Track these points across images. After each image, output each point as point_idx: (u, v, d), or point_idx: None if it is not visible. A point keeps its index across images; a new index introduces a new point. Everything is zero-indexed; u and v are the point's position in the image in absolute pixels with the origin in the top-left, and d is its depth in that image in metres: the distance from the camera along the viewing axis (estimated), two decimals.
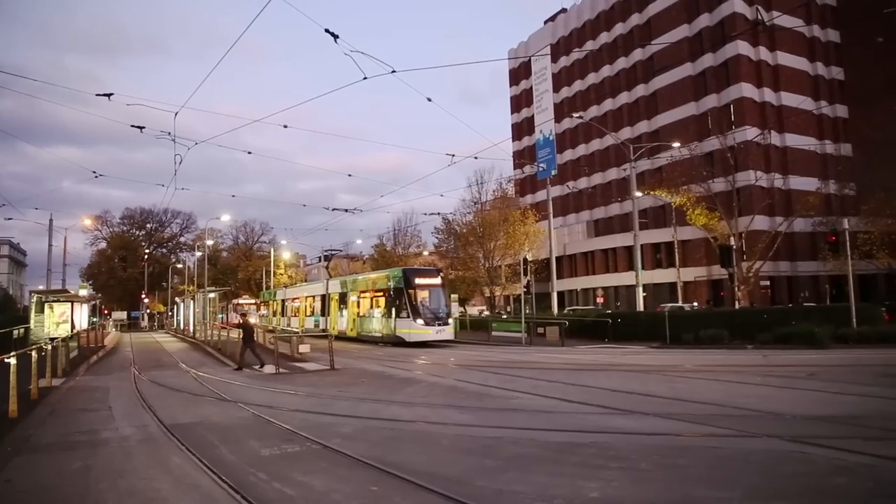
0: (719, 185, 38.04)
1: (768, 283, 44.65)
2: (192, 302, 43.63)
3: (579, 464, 6.27)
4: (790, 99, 47.33)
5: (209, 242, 63.10)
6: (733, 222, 35.51)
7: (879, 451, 6.24)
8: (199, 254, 54.91)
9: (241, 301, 63.22)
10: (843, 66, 51.47)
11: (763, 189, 42.39)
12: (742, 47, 46.85)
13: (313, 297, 38.63)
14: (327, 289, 35.36)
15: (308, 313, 38.94)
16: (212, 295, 44.33)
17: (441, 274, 29.78)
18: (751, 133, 41.81)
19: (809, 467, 5.91)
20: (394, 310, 26.81)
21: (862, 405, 9.27)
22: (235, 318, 52.25)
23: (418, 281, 27.11)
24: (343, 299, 32.92)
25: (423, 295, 26.80)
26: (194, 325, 39.41)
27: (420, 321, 25.84)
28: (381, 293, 28.26)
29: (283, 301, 45.70)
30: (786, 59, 48.95)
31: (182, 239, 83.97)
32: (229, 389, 13.44)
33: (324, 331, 32.60)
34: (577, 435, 7.63)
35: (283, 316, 44.56)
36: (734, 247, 32.27)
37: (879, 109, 38.16)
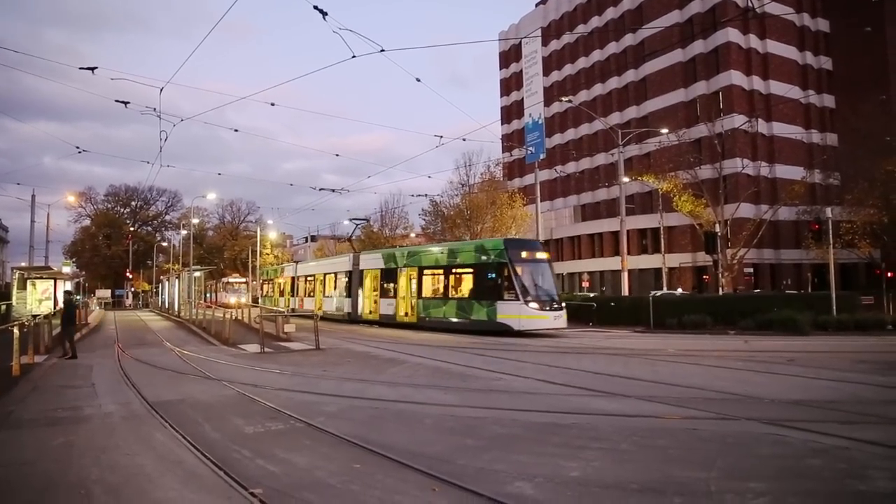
0: (706, 172, 38.27)
1: (752, 270, 45.09)
2: (177, 281, 43.33)
3: (561, 444, 6.35)
4: (778, 87, 47.50)
5: (195, 221, 62.77)
6: (719, 209, 35.78)
7: (853, 434, 6.37)
8: (184, 232, 54.68)
9: (231, 280, 60.54)
10: (832, 56, 51.66)
11: (749, 177, 42.66)
12: (732, 35, 46.86)
13: (335, 274, 33.03)
14: (356, 264, 30.04)
15: (327, 293, 33.67)
16: (197, 274, 43.93)
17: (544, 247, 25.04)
18: (738, 121, 41.97)
19: (786, 449, 6.03)
20: (492, 290, 21.61)
21: (838, 390, 9.44)
22: (226, 298, 50.80)
23: (525, 254, 21.99)
24: (390, 276, 27.04)
25: (532, 272, 21.85)
26: (179, 304, 39.21)
27: (534, 305, 20.75)
28: (468, 269, 23.01)
29: (292, 279, 39.99)
30: (775, 47, 49.03)
31: (167, 217, 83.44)
32: (214, 368, 13.44)
33: (350, 314, 29.62)
34: (559, 416, 7.71)
35: (292, 296, 39.19)
36: (719, 234, 32.60)
37: (866, 100, 38.46)
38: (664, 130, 38.99)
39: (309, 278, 37.03)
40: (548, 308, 21.13)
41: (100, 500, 5.00)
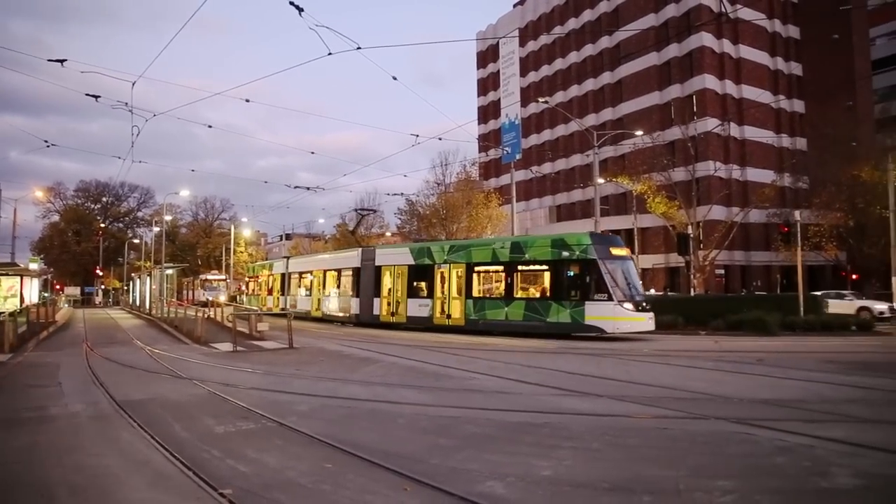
0: (679, 175, 38.78)
1: (723, 271, 45.81)
2: (149, 278, 42.66)
3: (533, 443, 6.37)
4: (750, 92, 48.30)
5: (168, 218, 61.87)
6: (692, 211, 36.28)
7: (818, 432, 6.49)
8: (157, 229, 53.76)
9: (209, 277, 58.03)
10: (802, 62, 52.67)
11: (721, 179, 43.31)
12: (706, 39, 47.53)
13: (338, 271, 29.63)
14: (370, 259, 26.84)
15: (327, 292, 30.75)
16: (169, 271, 43.32)
17: None
18: (711, 124, 42.61)
19: (753, 447, 6.12)
20: (577, 289, 19.73)
21: (805, 389, 9.63)
22: (203, 296, 47.83)
23: (614, 250, 20.28)
24: (423, 274, 24.40)
25: (622, 269, 20.08)
26: (150, 302, 38.62)
27: (628, 305, 19.11)
28: (541, 266, 20.93)
29: (283, 276, 36.58)
30: (747, 52, 49.84)
31: (139, 214, 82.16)
32: (185, 366, 13.26)
33: (359, 315, 26.69)
34: (532, 415, 7.74)
35: (282, 295, 35.98)
36: (691, 235, 33.01)
37: (833, 106, 39.36)
38: (639, 132, 39.43)
39: (304, 275, 34.03)
40: (641, 309, 19.53)
41: (63, 502, 4.90)
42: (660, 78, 50.94)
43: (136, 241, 75.64)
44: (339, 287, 29.38)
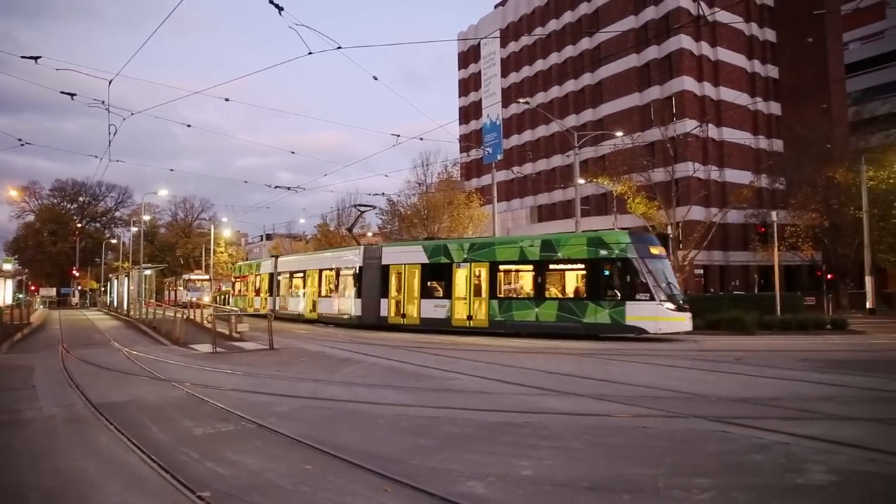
0: (659, 175, 39.09)
1: (702, 271, 46.30)
2: (126, 279, 42.12)
3: (513, 443, 6.39)
4: (728, 94, 48.86)
5: (146, 218, 61.13)
6: (671, 212, 36.62)
7: (794, 429, 6.60)
8: (135, 229, 53.09)
9: (193, 277, 56.46)
10: (778, 65, 53.40)
11: (700, 180, 43.76)
12: (685, 41, 48.01)
13: (336, 270, 28.05)
14: (375, 258, 25.54)
15: (324, 293, 29.20)
16: (148, 272, 42.80)
17: None
18: (690, 125, 43.03)
19: (730, 445, 6.21)
20: (617, 289, 19.19)
21: (781, 387, 9.77)
22: (186, 296, 46.62)
23: (652, 249, 19.92)
24: (439, 273, 23.29)
25: (662, 268, 19.72)
26: (128, 303, 38.13)
27: (669, 305, 18.79)
28: (576, 265, 20.20)
29: (271, 276, 34.80)
30: (726, 55, 50.43)
31: (117, 213, 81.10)
32: (163, 368, 13.12)
33: (361, 317, 25.36)
34: (512, 415, 7.77)
35: (270, 296, 34.45)
36: (671, 236, 33.33)
37: (809, 109, 39.96)
38: (619, 133, 39.71)
39: (296, 275, 32.35)
40: (681, 308, 19.20)
41: None
42: (639, 79, 51.36)
43: (114, 241, 74.66)
44: (337, 288, 27.93)
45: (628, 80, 51.90)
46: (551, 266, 20.67)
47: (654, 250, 19.97)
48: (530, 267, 21.14)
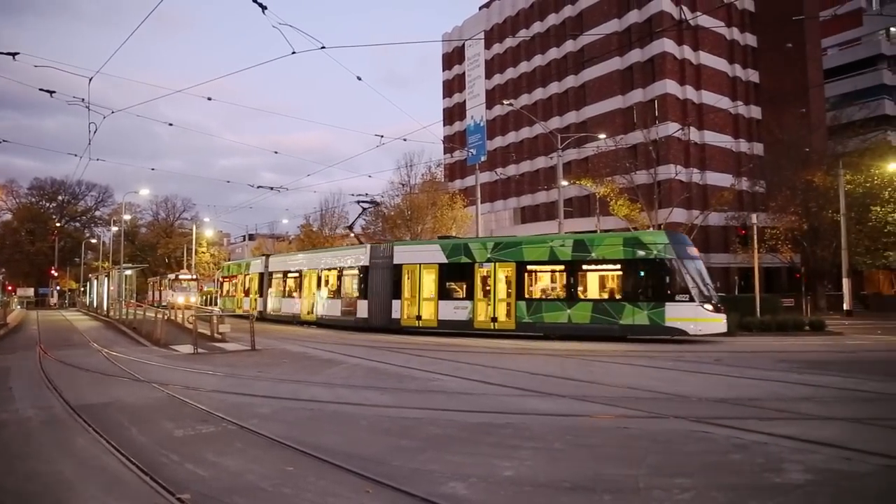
0: (641, 178, 39.42)
1: None
2: (106, 279, 41.63)
3: (495, 444, 6.42)
4: (710, 97, 49.32)
5: (127, 217, 60.36)
6: (653, 214, 36.95)
7: (772, 429, 6.70)
8: (115, 229, 52.51)
9: (180, 276, 53.07)
10: (759, 70, 54.00)
11: (682, 183, 44.16)
12: (668, 45, 48.39)
13: (338, 270, 26.77)
14: (385, 257, 24.41)
15: (323, 294, 27.74)
16: (128, 272, 42.35)
17: None
18: (672, 128, 43.39)
19: (710, 445, 6.29)
20: (656, 290, 18.90)
21: (760, 388, 9.90)
22: (171, 296, 44.51)
23: (689, 249, 19.72)
24: (460, 274, 22.39)
25: (699, 269, 19.42)
26: (108, 303, 37.70)
27: (708, 306, 18.60)
28: (612, 265, 19.79)
29: (261, 276, 33.43)
30: (707, 59, 50.88)
31: (97, 213, 79.93)
32: (144, 369, 12.98)
33: (368, 319, 24.29)
34: (494, 416, 7.79)
35: (260, 296, 33.11)
36: None
37: (788, 113, 40.45)
38: (602, 136, 39.96)
39: (291, 275, 30.86)
40: (718, 310, 19.00)
41: None
42: (622, 82, 51.69)
43: (94, 241, 73.72)
44: (339, 288, 26.56)
45: (611, 82, 52.21)
46: (584, 266, 20.15)
47: (691, 251, 19.81)
48: (561, 267, 20.57)
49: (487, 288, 21.70)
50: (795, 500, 4.72)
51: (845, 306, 31.26)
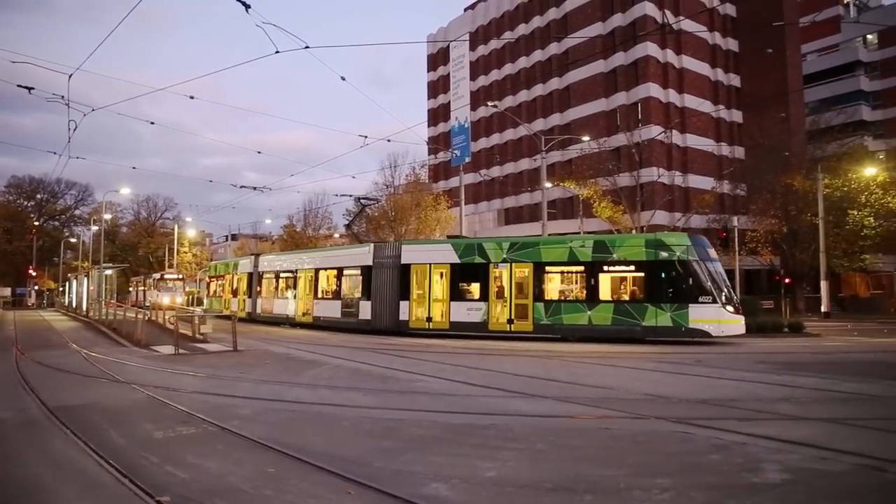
0: (624, 180, 39.69)
1: None
2: (86, 279, 41.10)
3: (478, 445, 6.43)
4: (692, 101, 49.83)
5: (107, 216, 59.60)
6: (636, 216, 37.21)
7: (750, 429, 6.79)
8: (95, 228, 51.72)
9: (166, 276, 51.81)
10: (740, 74, 54.64)
11: (664, 185, 44.54)
12: (651, 49, 48.79)
13: (337, 270, 25.97)
14: (392, 256, 23.62)
15: (321, 295, 26.71)
16: (108, 272, 41.82)
17: None
18: (655, 131, 43.76)
19: (690, 446, 6.35)
20: (680, 291, 18.87)
21: (739, 389, 10.02)
22: (157, 296, 44.20)
23: (710, 251, 19.69)
24: (474, 274, 21.82)
25: (720, 271, 19.41)
26: (88, 303, 37.24)
27: (730, 307, 18.73)
28: (633, 266, 19.64)
29: (250, 276, 32.18)
30: (690, 63, 51.40)
31: (77, 212, 78.85)
32: (124, 370, 12.85)
33: (371, 321, 23.53)
34: (477, 417, 7.81)
35: (248, 297, 31.94)
36: None
37: (769, 117, 40.96)
38: (586, 138, 40.16)
39: (284, 275, 29.61)
40: (737, 311, 19.08)
41: None
42: (606, 85, 52.03)
43: (73, 240, 72.73)
44: (339, 289, 25.74)
45: (595, 85, 52.54)
46: (605, 267, 19.93)
47: (711, 252, 19.72)
48: (581, 268, 20.31)
49: (503, 289, 21.26)
50: (772, 500, 4.78)
51: (823, 308, 31.72)
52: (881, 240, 35.63)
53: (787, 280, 35.30)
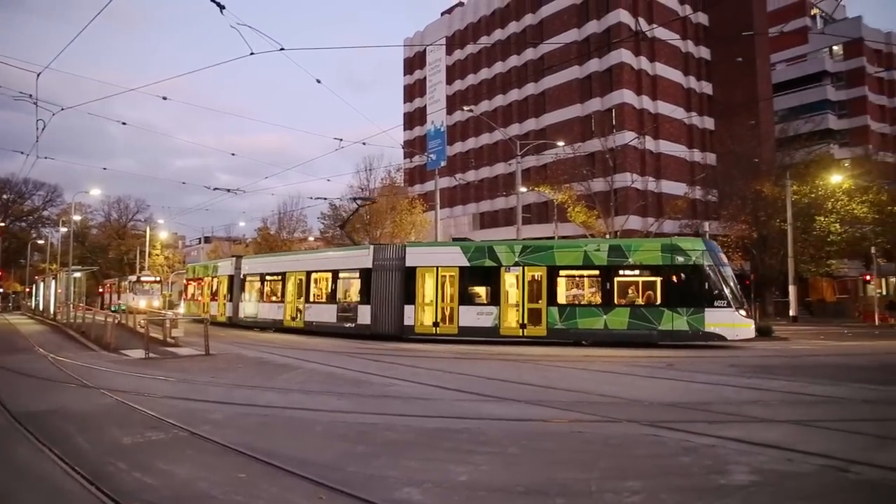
0: (599, 185, 40.12)
1: None
2: (54, 281, 40.25)
3: (451, 449, 6.43)
4: (665, 108, 50.52)
5: (76, 218, 58.48)
6: (610, 221, 37.62)
7: (719, 432, 6.89)
8: (64, 229, 50.72)
9: (142, 278, 49.64)
10: (712, 82, 55.59)
11: (638, 191, 45.07)
12: (625, 56, 49.39)
13: (332, 272, 25.13)
14: (395, 258, 22.92)
15: (313, 299, 25.73)
16: (77, 274, 40.99)
17: None
18: (629, 137, 44.30)
19: (661, 449, 6.42)
20: (695, 296, 18.96)
21: (709, 392, 10.17)
22: (133, 300, 42.11)
23: (722, 256, 20.07)
24: (484, 278, 21.32)
25: (732, 276, 19.81)
26: (55, 307, 36.46)
27: (742, 312, 19.12)
28: (649, 271, 19.73)
29: (231, 278, 30.83)
30: (663, 70, 52.13)
31: (45, 213, 77.04)
32: (92, 375, 12.60)
33: (370, 325, 22.80)
34: (450, 421, 7.82)
35: (230, 301, 30.61)
36: None
37: (739, 124, 41.73)
38: (560, 143, 40.51)
39: (270, 278, 28.39)
40: (748, 315, 19.54)
41: None
42: (581, 91, 52.52)
43: (41, 241, 71.19)
44: (334, 292, 24.78)
45: (570, 91, 53.00)
46: (621, 271, 19.95)
47: (723, 257, 19.99)
48: (597, 272, 20.20)
49: (515, 293, 20.89)
50: (739, 501, 4.86)
51: (791, 312, 32.35)
52: (846, 245, 36.48)
53: (756, 285, 35.90)
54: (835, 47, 59.88)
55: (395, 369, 13.30)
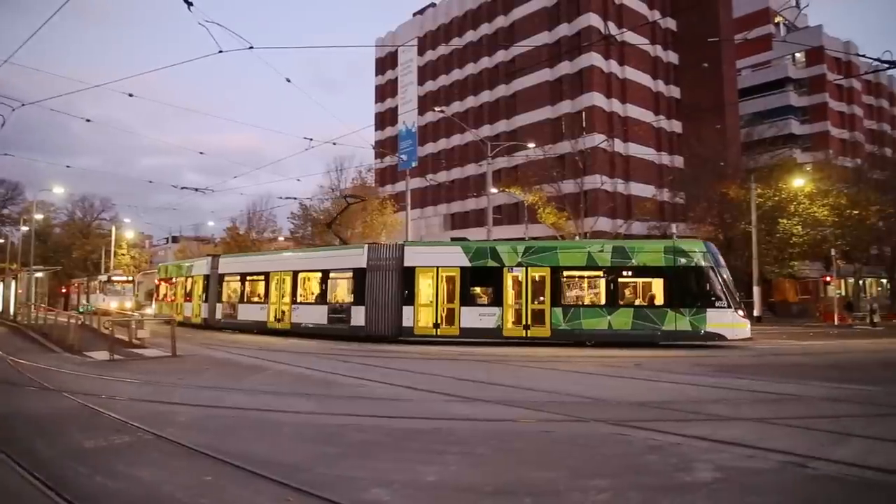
0: (569, 187, 40.46)
1: None
2: (14, 282, 39.17)
3: (420, 449, 6.44)
4: (634, 111, 51.20)
5: (38, 216, 56.99)
6: (580, 222, 37.99)
7: (685, 430, 7.01)
8: (25, 228, 49.46)
9: (113, 277, 46.96)
10: (680, 86, 56.52)
11: (607, 192, 45.58)
12: (595, 59, 49.90)
13: (322, 272, 24.35)
14: (393, 258, 22.27)
15: (300, 300, 24.86)
16: (39, 274, 39.96)
17: None
18: (598, 139, 44.77)
19: (627, 448, 6.52)
20: (697, 296, 19.32)
21: (676, 391, 10.33)
22: (103, 301, 39.52)
23: (721, 259, 20.34)
24: (486, 278, 21.00)
25: (730, 278, 20.23)
26: (16, 308, 35.49)
27: (741, 312, 19.60)
28: (652, 272, 19.98)
29: (206, 278, 29.70)
30: (633, 74, 52.82)
31: (5, 211, 74.95)
32: (54, 377, 12.29)
33: (364, 327, 22.01)
34: (420, 421, 7.82)
35: (205, 301, 29.39)
36: None
37: (706, 128, 42.49)
38: (531, 145, 40.78)
39: (251, 278, 27.24)
40: (745, 316, 19.90)
41: None
42: (552, 93, 52.90)
43: (1, 240, 69.30)
44: (324, 293, 23.98)
45: (541, 93, 53.35)
46: (625, 273, 20.23)
47: (721, 259, 20.28)
48: (601, 273, 20.30)
49: (519, 294, 20.78)
50: (703, 497, 4.96)
51: (755, 313, 32.96)
52: (808, 247, 37.34)
53: None
54: (797, 55, 61.41)
55: (366, 370, 13.22)
